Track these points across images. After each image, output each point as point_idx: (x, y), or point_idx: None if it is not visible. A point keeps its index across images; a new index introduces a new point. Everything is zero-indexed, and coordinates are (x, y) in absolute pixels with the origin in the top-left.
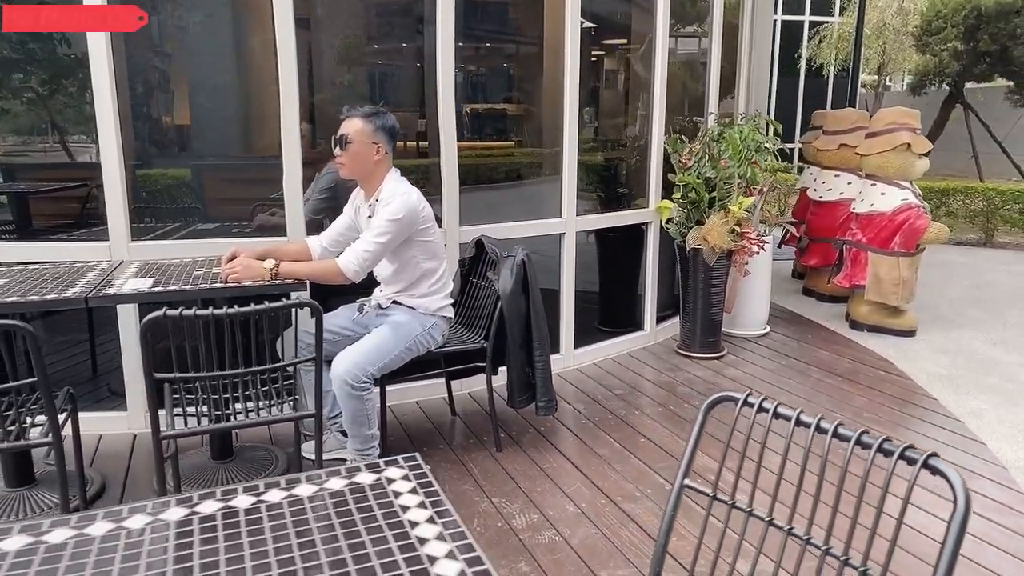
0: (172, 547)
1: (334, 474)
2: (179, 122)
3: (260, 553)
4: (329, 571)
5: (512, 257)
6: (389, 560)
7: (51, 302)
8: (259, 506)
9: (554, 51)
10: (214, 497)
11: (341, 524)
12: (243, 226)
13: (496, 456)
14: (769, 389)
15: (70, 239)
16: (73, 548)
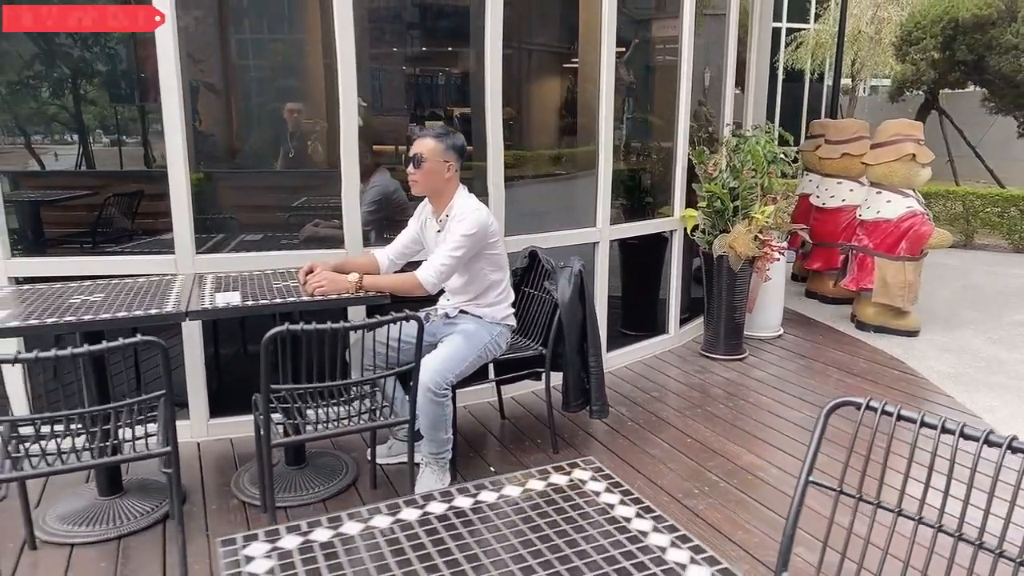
0: (429, 542)
1: (530, 476)
2: (234, 134)
3: (508, 547)
4: (579, 560)
5: (569, 268)
6: (623, 551)
7: (155, 317)
8: (480, 505)
9: (588, 64)
10: (435, 500)
11: (564, 520)
12: (291, 238)
13: (554, 458)
14: (796, 389)
15: (135, 252)
16: (341, 545)
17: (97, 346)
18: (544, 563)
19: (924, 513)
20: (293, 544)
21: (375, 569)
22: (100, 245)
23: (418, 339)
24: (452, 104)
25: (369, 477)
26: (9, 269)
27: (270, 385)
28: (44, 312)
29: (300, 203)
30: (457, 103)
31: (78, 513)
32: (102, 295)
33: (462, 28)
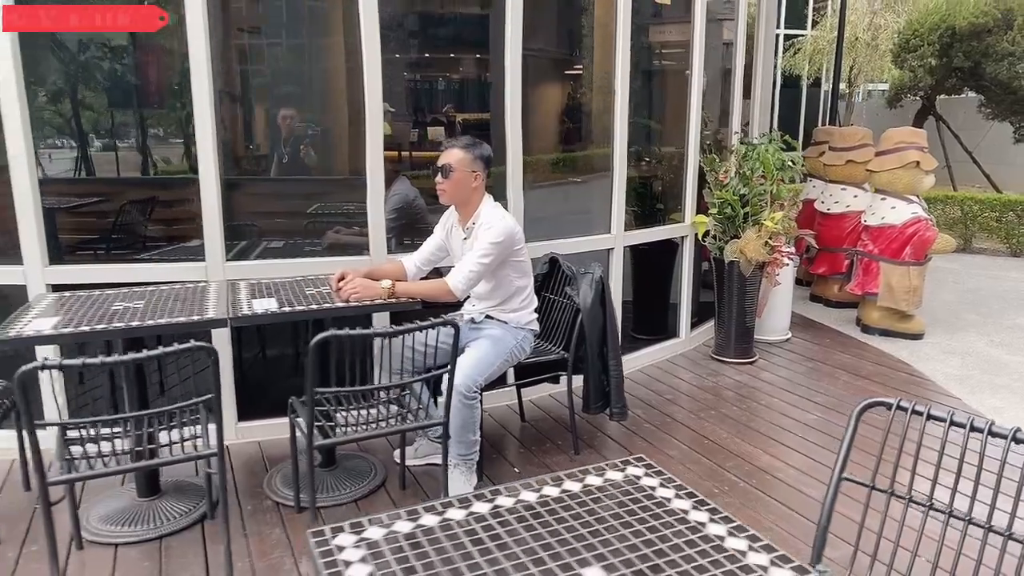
0: (503, 532)
1: (587, 472)
2: (260, 142)
3: (578, 536)
4: (646, 549)
5: (590, 274)
6: (686, 539)
7: (205, 322)
8: (545, 499)
9: (603, 72)
10: (501, 494)
11: (626, 512)
12: (314, 244)
13: (575, 459)
14: (806, 392)
15: (161, 259)
16: (422, 535)
17: (155, 351)
18: (614, 551)
19: (951, 508)
20: (378, 535)
21: (459, 556)
22: (118, 252)
23: (454, 343)
24: (466, 110)
25: (398, 478)
26: (47, 276)
27: (315, 389)
28: (93, 319)
29: (319, 209)
30: (474, 110)
31: (119, 514)
32: (142, 302)
33: (481, 36)
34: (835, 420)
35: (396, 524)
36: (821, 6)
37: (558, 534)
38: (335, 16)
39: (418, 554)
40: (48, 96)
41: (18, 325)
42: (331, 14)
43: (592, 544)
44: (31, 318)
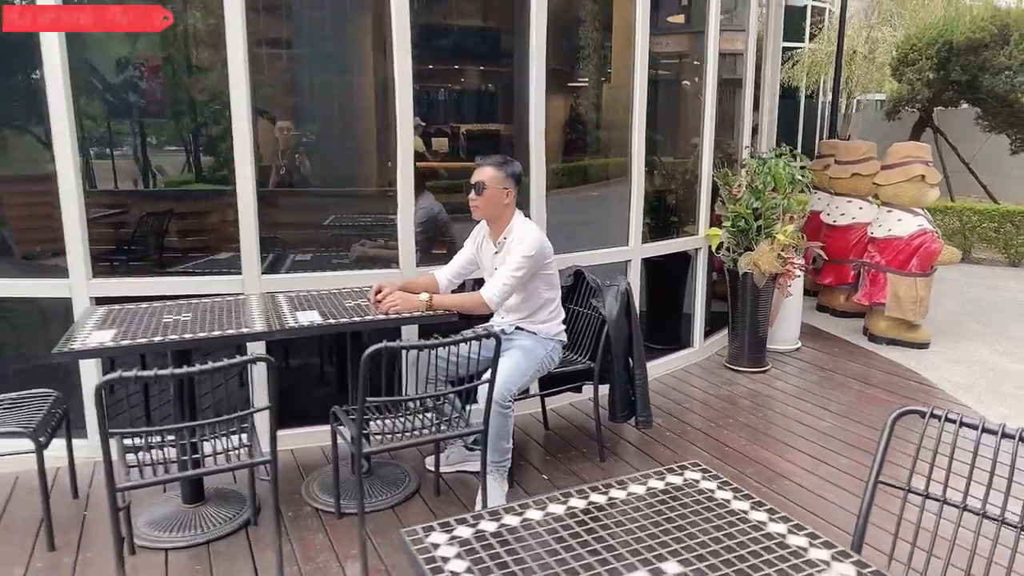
0: (582, 531)
1: (648, 477)
2: (288, 155)
3: (652, 535)
4: (715, 545)
5: (615, 286)
6: (750, 537)
7: (248, 335)
8: (614, 501)
9: (621, 87)
10: (572, 496)
11: (691, 512)
12: (341, 257)
13: (602, 466)
14: (820, 400)
15: (203, 272)
16: (508, 534)
17: (219, 363)
18: (686, 548)
19: (984, 510)
20: (467, 534)
21: (546, 553)
22: (152, 264)
23: (495, 354)
24: (487, 122)
25: (432, 485)
26: (91, 289)
27: (366, 398)
28: (147, 331)
29: (345, 222)
30: (499, 120)
31: (166, 520)
32: (189, 315)
33: (505, 49)
34: (850, 428)
35: (481, 524)
36: (818, 20)
37: (632, 532)
38: (364, 31)
39: (508, 551)
40: (90, 111)
41: (79, 338)
42: (360, 29)
43: (665, 541)
44: (89, 331)
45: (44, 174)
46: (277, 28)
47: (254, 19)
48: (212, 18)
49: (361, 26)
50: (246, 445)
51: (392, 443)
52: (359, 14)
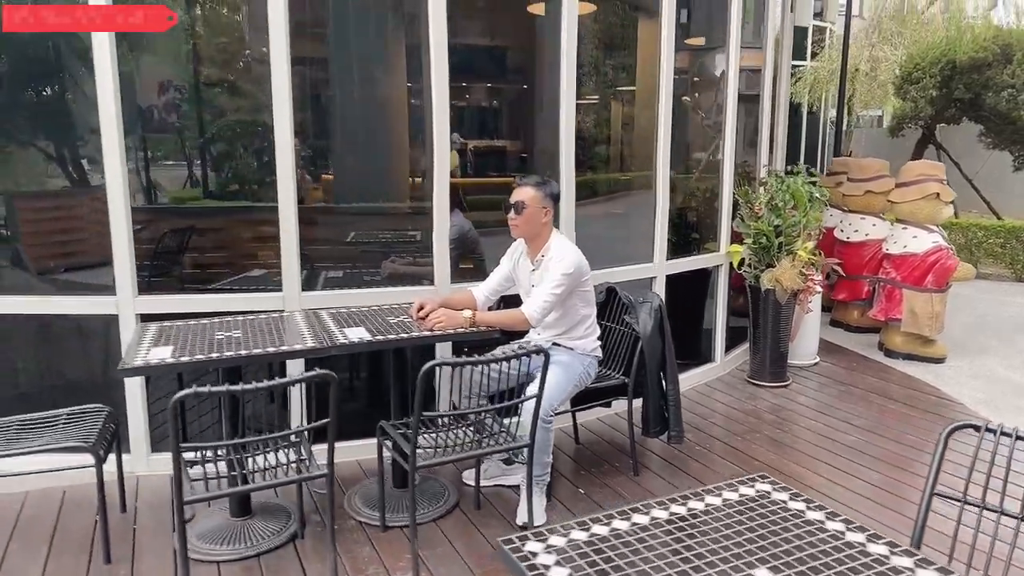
0: (670, 540)
1: (720, 489)
2: (322, 173)
3: (737, 543)
4: (799, 553)
5: (648, 302)
6: (831, 546)
7: (299, 352)
8: (695, 511)
9: (646, 105)
10: (653, 508)
11: (769, 523)
12: (373, 274)
13: (636, 480)
14: (843, 414)
15: (244, 289)
16: (600, 543)
17: (283, 379)
18: (773, 555)
19: None
20: (561, 542)
21: (640, 561)
22: (192, 280)
23: (543, 369)
24: (513, 138)
25: (471, 499)
26: (138, 306)
27: (423, 413)
28: (203, 347)
29: (378, 239)
30: (506, 137)
31: (216, 533)
32: (240, 332)
33: (522, 67)
34: (876, 442)
35: (572, 533)
36: (819, 39)
37: (718, 541)
38: (398, 52)
39: (603, 559)
40: (136, 128)
41: (140, 354)
42: (395, 50)
43: (752, 550)
44: (147, 347)
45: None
46: (316, 49)
47: (295, 42)
48: (258, 42)
49: (396, 47)
50: (301, 459)
51: (444, 456)
52: (394, 34)
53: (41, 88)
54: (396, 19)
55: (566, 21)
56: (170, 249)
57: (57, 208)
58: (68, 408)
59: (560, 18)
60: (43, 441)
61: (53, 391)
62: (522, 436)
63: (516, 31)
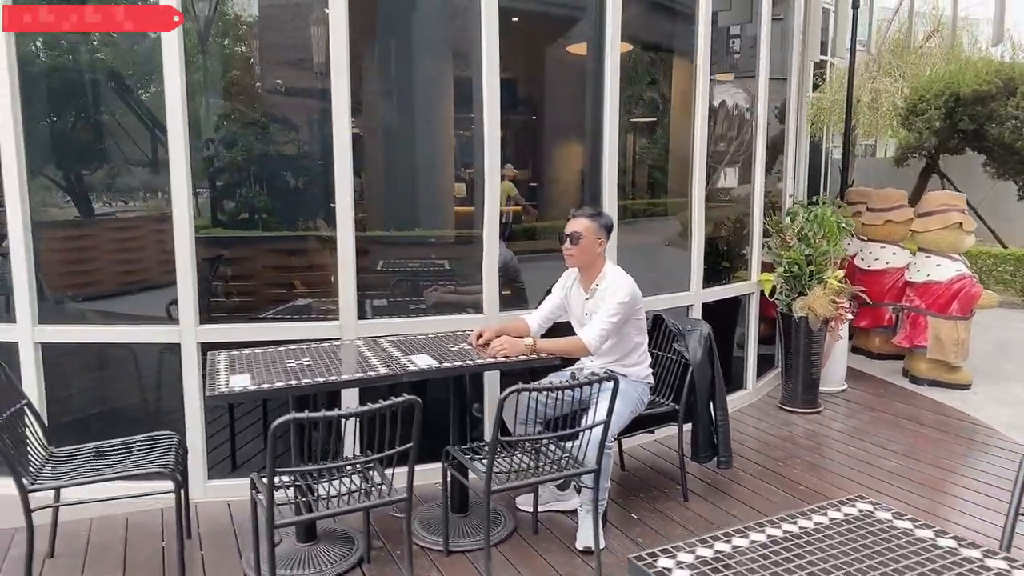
0: (792, 556)
1: (824, 509)
2: (371, 203)
3: (855, 559)
4: (920, 568)
5: (698, 331)
6: (951, 560)
7: (374, 379)
8: (805, 529)
9: (680, 134)
10: (766, 527)
11: (882, 540)
12: (418, 302)
13: (685, 505)
14: (878, 440)
15: (301, 318)
16: (725, 558)
17: (376, 405)
18: (895, 570)
19: None
20: (690, 559)
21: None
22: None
23: (612, 394)
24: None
25: (527, 524)
26: (200, 335)
27: (499, 437)
28: (279, 374)
29: (424, 268)
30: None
31: (284, 559)
32: (309, 359)
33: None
34: (914, 467)
35: (698, 550)
36: (821, 72)
37: (836, 557)
38: (446, 85)
39: (734, 573)
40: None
41: (220, 382)
42: (443, 79)
43: (872, 565)
44: (224, 375)
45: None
46: (371, 84)
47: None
48: (319, 79)
49: (445, 81)
50: (379, 484)
51: (519, 481)
52: (443, 68)
53: (105, 117)
54: (445, 53)
55: (609, 62)
56: (224, 278)
57: (122, 234)
58: (141, 435)
59: (604, 60)
60: (123, 467)
61: (108, 417)
62: (588, 461)
63: (556, 69)
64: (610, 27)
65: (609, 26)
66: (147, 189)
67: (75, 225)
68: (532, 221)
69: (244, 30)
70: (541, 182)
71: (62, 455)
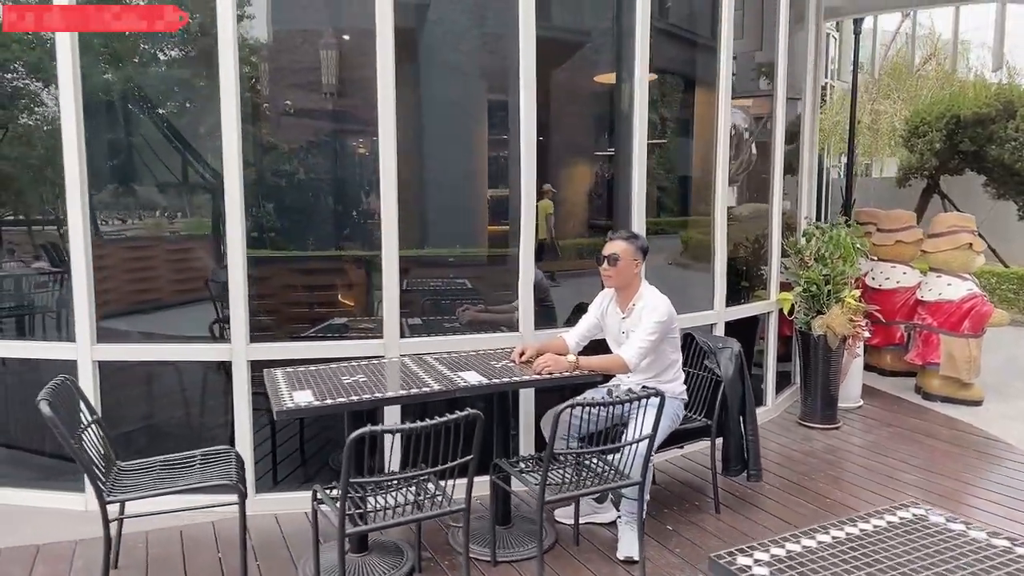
0: (859, 555)
1: (881, 513)
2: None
3: (919, 556)
4: (980, 565)
5: (729, 348)
6: (1009, 557)
7: (430, 394)
8: (866, 531)
9: (703, 159)
10: (828, 530)
11: (940, 542)
12: (452, 321)
13: (718, 517)
14: (899, 455)
15: (347, 337)
16: (797, 557)
17: (443, 419)
18: (957, 566)
19: None
20: (766, 557)
21: (842, 572)
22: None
23: (659, 411)
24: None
25: (568, 536)
26: (250, 353)
27: (553, 452)
28: (338, 391)
29: (458, 287)
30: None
31: (337, 569)
32: (363, 376)
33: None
34: (936, 480)
35: (772, 549)
36: (822, 94)
37: (900, 556)
38: (482, 107)
39: (810, 570)
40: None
41: (284, 398)
42: (477, 102)
43: (936, 562)
44: (286, 391)
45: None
46: (410, 111)
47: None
48: (363, 108)
49: (481, 102)
50: (436, 495)
51: (568, 492)
52: (478, 91)
53: (160, 140)
54: (481, 76)
55: (638, 92)
56: (269, 297)
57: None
58: (201, 450)
59: (633, 90)
60: (192, 479)
61: (150, 432)
62: (632, 474)
63: (561, 93)
64: (639, 58)
65: (638, 57)
66: (196, 210)
67: (129, 246)
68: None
69: (292, 61)
70: (554, 201)
71: (129, 468)
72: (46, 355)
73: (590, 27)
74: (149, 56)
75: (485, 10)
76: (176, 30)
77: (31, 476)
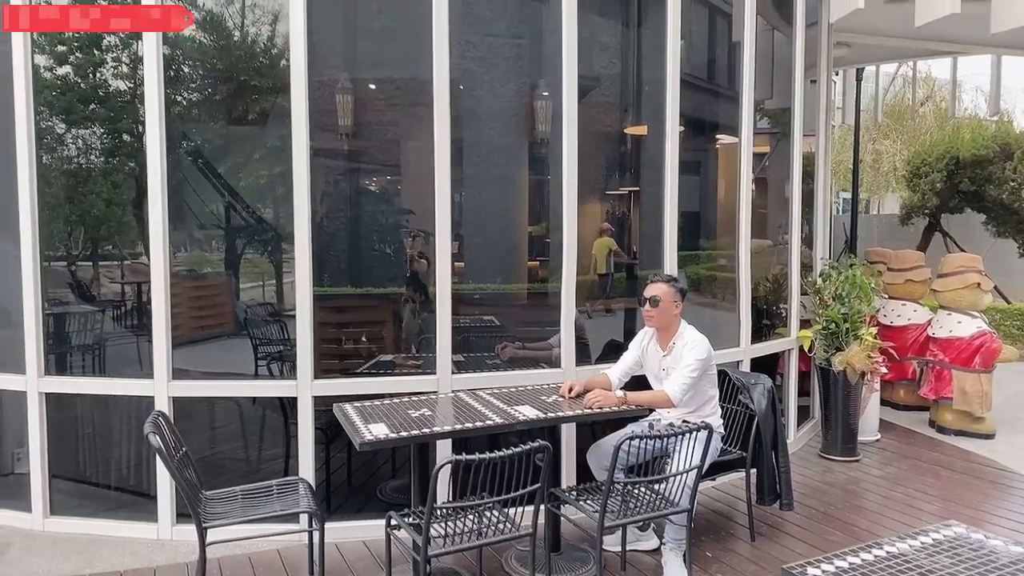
0: (903, 570)
1: (924, 532)
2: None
3: (971, 567)
4: (1012, 568)
5: (761, 384)
6: None
7: (493, 427)
8: (911, 548)
9: (728, 198)
10: (877, 547)
11: (979, 558)
12: (492, 358)
13: (754, 545)
14: (919, 486)
15: (404, 373)
16: (849, 571)
17: (517, 449)
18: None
19: None
20: (831, 569)
21: None
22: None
23: (707, 443)
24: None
25: (614, 563)
26: (315, 389)
27: (613, 481)
28: (407, 424)
29: (499, 324)
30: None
31: None
32: (429, 410)
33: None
34: (958, 510)
35: (835, 561)
36: None
37: (945, 567)
38: (523, 148)
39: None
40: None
41: (362, 431)
42: (518, 150)
43: (982, 572)
44: (361, 424)
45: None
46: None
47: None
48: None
49: (521, 143)
50: (506, 521)
51: (627, 519)
52: (520, 131)
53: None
54: (521, 116)
55: (669, 144)
56: (327, 335)
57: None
58: (276, 480)
59: (664, 143)
60: (276, 507)
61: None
62: (681, 502)
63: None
64: (670, 108)
65: (669, 107)
66: (263, 249)
67: (200, 284)
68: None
69: (354, 106)
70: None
71: (216, 497)
72: (124, 391)
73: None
74: (225, 113)
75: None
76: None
77: (98, 507)
